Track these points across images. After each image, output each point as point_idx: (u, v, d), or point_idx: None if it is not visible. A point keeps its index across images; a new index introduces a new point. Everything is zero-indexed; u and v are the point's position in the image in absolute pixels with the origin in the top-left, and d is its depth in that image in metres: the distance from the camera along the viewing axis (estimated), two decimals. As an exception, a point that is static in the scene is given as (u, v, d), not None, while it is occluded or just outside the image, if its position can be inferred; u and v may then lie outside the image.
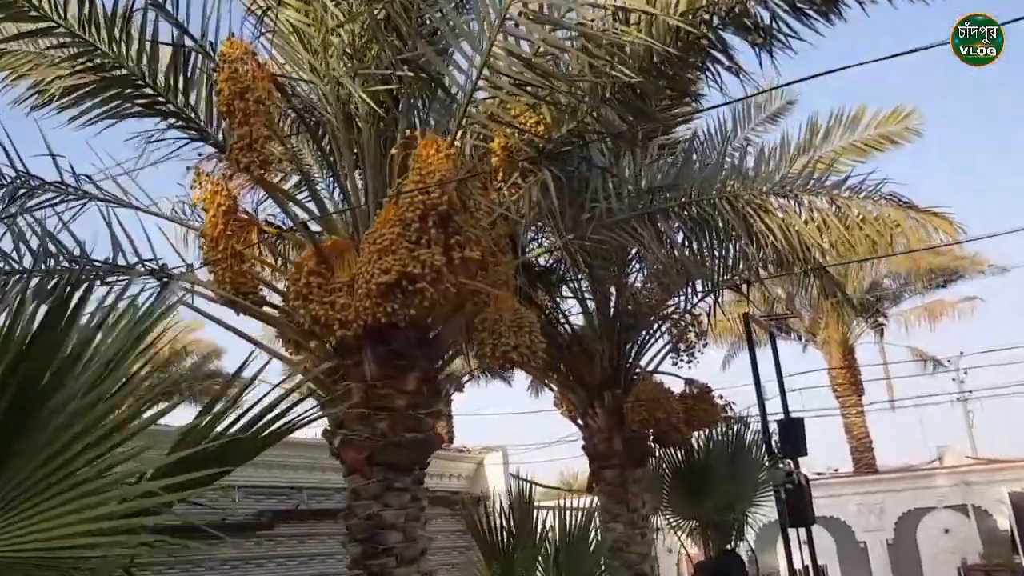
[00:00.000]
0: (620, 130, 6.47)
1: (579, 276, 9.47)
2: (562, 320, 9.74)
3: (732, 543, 11.20)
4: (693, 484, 11.31)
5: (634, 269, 10.22)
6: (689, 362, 10.48)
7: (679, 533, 11.36)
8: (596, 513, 9.99)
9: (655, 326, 10.29)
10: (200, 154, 6.26)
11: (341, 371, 5.89)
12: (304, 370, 5.96)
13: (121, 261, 6.24)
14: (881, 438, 24.18)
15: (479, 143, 6.19)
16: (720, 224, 7.10)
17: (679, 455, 11.52)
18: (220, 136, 6.16)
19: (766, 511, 11.96)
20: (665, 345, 10.42)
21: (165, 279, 6.40)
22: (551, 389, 10.28)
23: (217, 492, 11.36)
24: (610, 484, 9.74)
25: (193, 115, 6.13)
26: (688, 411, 9.95)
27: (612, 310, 9.95)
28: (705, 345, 10.68)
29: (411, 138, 5.28)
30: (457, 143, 5.48)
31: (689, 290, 10.48)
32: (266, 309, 6.22)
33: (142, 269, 6.24)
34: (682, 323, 10.49)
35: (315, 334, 5.86)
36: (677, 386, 10.24)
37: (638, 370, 10.15)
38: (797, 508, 11.83)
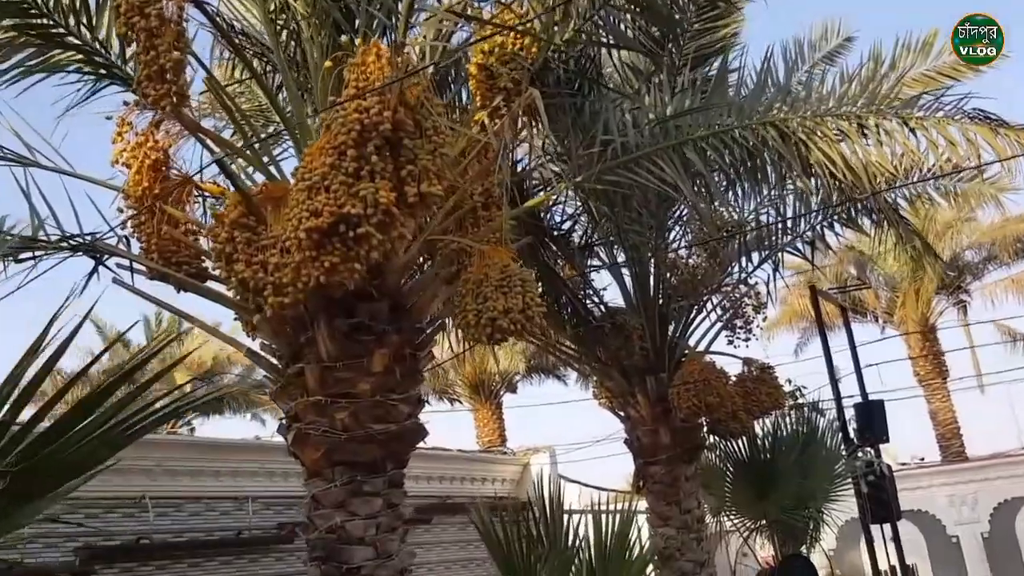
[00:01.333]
0: (637, 43, 5.21)
1: (609, 240, 8.20)
2: (591, 293, 8.47)
3: (806, 545, 9.83)
4: (758, 479, 10.04)
5: (675, 232, 8.92)
6: (747, 340, 9.14)
7: (744, 536, 10.04)
8: (645, 516, 8.81)
9: (704, 299, 8.97)
10: (127, 103, 5.18)
11: (293, 351, 4.78)
12: (247, 352, 4.85)
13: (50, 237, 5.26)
14: (968, 424, 22.17)
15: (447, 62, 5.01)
16: (767, 158, 5.78)
17: (740, 447, 10.22)
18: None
19: (845, 507, 10.60)
20: (717, 321, 9.10)
21: (96, 255, 5.38)
22: (579, 372, 9.04)
23: (230, 504, 10.45)
24: (658, 482, 8.45)
25: (102, 50, 5.07)
26: (747, 396, 8.60)
27: (652, 281, 8.65)
28: (764, 319, 9.33)
29: (348, 48, 4.12)
30: (412, 49, 4.31)
31: (742, 257, 9.16)
32: (213, 285, 5.12)
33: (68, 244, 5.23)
34: (736, 294, 9.16)
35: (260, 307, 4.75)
36: (733, 368, 8.94)
37: (686, 351, 8.84)
38: (880, 502, 10.54)
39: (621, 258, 8.71)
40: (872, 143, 5.70)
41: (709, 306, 9.15)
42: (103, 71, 5.16)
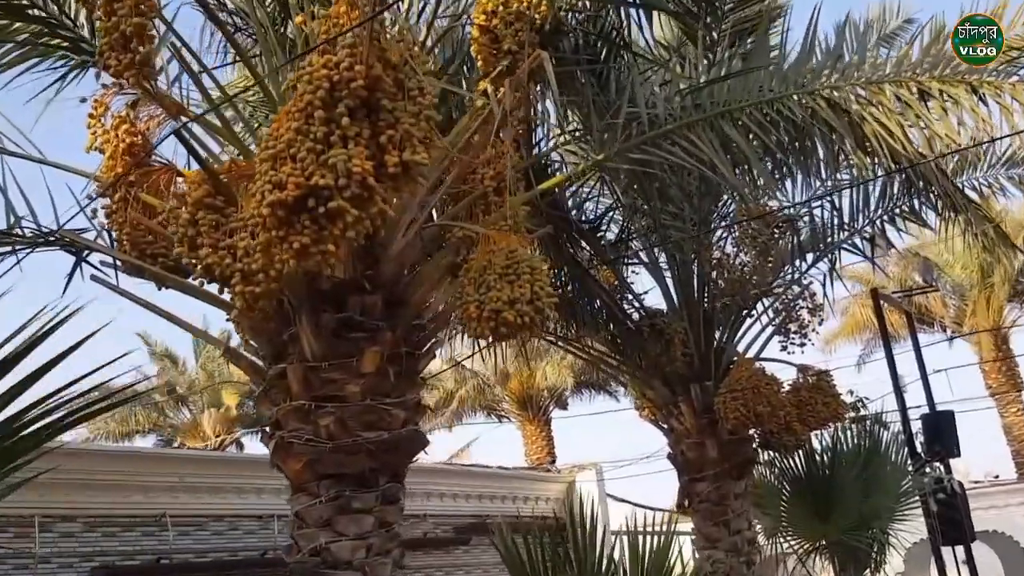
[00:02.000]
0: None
1: (647, 236, 7.56)
2: (628, 295, 7.82)
3: (870, 569, 8.99)
4: (816, 498, 9.20)
5: (720, 228, 8.24)
6: (802, 345, 8.41)
7: (802, 559, 9.23)
8: (690, 537, 8.11)
9: (754, 301, 8.26)
10: (105, 86, 4.75)
11: (275, 349, 4.26)
12: (224, 350, 4.35)
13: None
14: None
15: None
16: (816, 133, 5.13)
17: (796, 462, 9.44)
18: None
19: (913, 527, 9.73)
20: (768, 324, 8.39)
21: (75, 250, 4.95)
22: (618, 382, 8.38)
23: (254, 523, 9.99)
24: (704, 501, 7.75)
25: (70, 22, 4.64)
26: (802, 405, 7.87)
27: (695, 281, 7.98)
28: (821, 322, 8.58)
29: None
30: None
31: (795, 256, 8.45)
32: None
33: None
34: (789, 296, 8.44)
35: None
36: (787, 376, 8.21)
37: (734, 358, 8.14)
38: (952, 522, 9.68)
39: (661, 257, 8.09)
40: (936, 113, 5.02)
41: (759, 309, 8.48)
42: (78, 52, 4.74)
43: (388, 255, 4.36)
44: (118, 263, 4.60)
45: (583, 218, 6.75)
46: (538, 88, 4.91)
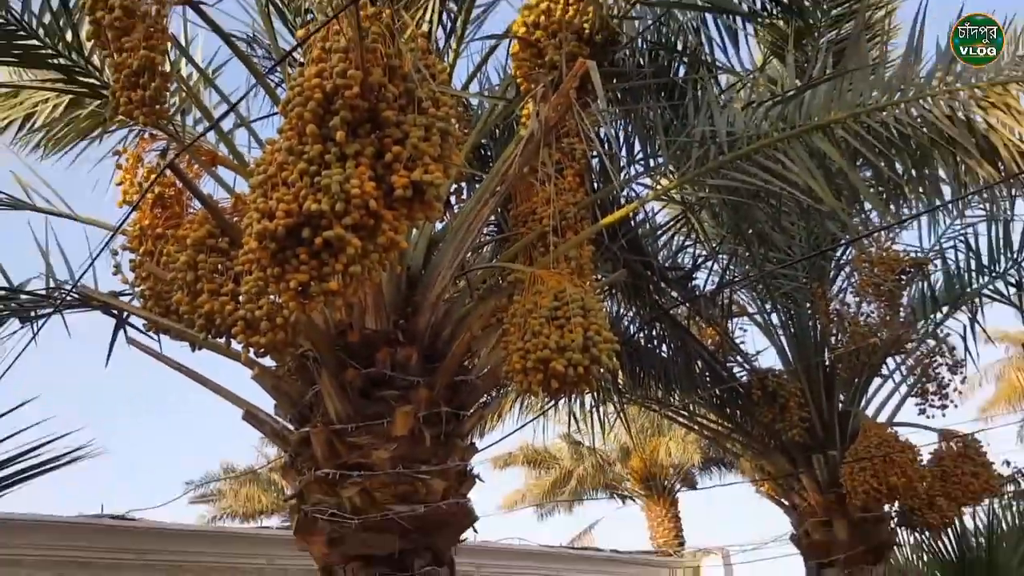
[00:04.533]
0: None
1: (753, 288, 6.79)
2: (734, 355, 7.01)
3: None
4: (973, 584, 7.96)
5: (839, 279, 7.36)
6: (943, 407, 7.35)
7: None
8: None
9: (882, 357, 7.29)
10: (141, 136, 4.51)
11: (299, 412, 3.77)
12: (244, 414, 3.87)
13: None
14: None
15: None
16: (930, 148, 4.34)
17: (948, 544, 8.22)
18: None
19: (1096, 623, 8.29)
20: (900, 384, 7.39)
21: (116, 312, 4.67)
22: (729, 452, 7.52)
23: None
24: (834, 590, 6.73)
25: (96, 71, 4.41)
26: (946, 477, 6.78)
27: (812, 336, 7.11)
28: (963, 380, 7.50)
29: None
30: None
31: (927, 306, 7.46)
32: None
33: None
34: (924, 351, 7.43)
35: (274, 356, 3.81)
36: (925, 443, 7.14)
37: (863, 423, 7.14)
38: None
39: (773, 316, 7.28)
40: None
41: (889, 367, 7.50)
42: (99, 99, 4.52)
43: (425, 303, 3.85)
44: (144, 323, 4.25)
45: (673, 265, 6.05)
46: (601, 113, 4.36)
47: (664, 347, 6.53)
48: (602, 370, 3.53)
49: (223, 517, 22.08)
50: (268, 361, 3.83)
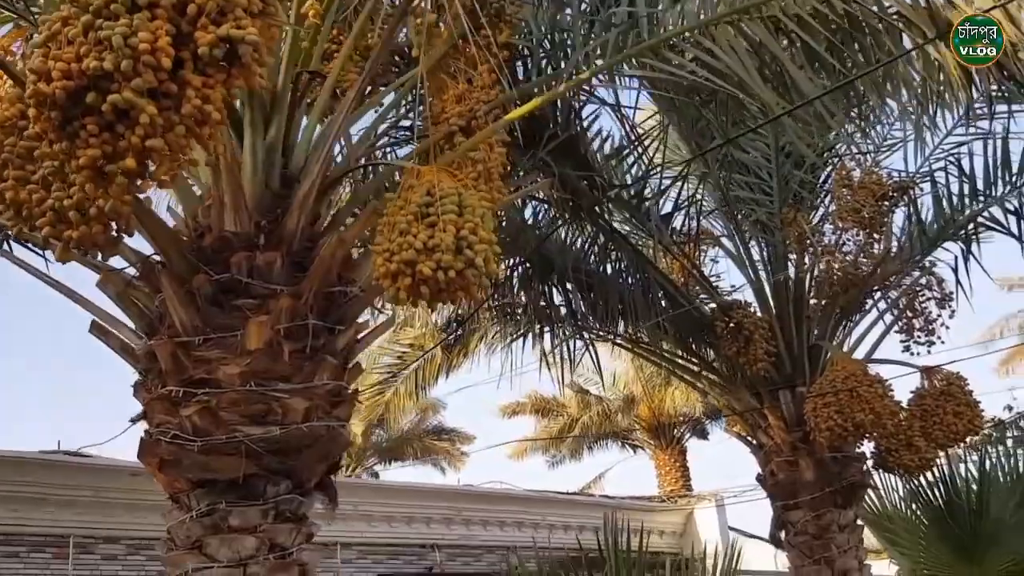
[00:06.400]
0: None
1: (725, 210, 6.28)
2: (699, 284, 6.53)
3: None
4: (960, 532, 7.54)
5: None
6: (930, 344, 6.83)
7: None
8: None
9: (861, 290, 6.78)
10: None
11: (148, 323, 3.38)
12: (92, 325, 3.49)
13: None
14: None
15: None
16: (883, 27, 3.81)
17: (937, 489, 7.77)
18: None
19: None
20: (880, 317, 6.89)
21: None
22: (692, 386, 7.09)
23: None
24: (800, 533, 6.31)
25: None
26: (926, 416, 6.29)
27: (784, 265, 6.61)
28: (952, 315, 6.97)
29: None
30: None
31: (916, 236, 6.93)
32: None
33: None
34: (910, 284, 6.90)
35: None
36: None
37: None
38: None
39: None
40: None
41: (871, 299, 6.99)
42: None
43: (292, 203, 3.42)
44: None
45: (623, 183, 5.55)
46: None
47: (627, 278, 6.07)
48: (484, 277, 3.09)
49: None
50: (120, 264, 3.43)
